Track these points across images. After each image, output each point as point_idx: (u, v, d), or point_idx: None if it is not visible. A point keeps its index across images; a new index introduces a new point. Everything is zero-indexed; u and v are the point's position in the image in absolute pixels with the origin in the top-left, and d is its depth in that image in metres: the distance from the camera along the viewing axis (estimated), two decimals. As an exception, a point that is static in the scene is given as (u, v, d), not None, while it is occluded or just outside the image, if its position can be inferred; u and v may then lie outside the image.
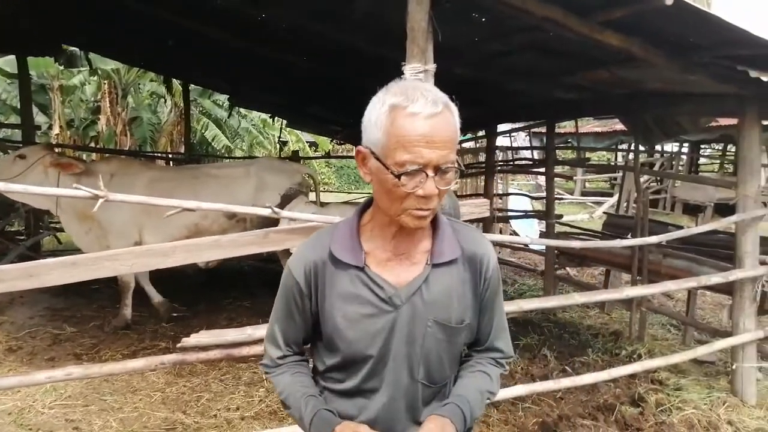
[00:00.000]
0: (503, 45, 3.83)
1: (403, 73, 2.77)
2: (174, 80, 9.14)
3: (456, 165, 1.31)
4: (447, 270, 1.44)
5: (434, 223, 1.46)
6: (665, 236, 3.74)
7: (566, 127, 21.83)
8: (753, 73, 3.19)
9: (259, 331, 2.45)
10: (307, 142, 20.88)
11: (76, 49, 9.27)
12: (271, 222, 3.91)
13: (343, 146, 17.05)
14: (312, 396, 1.47)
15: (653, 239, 3.70)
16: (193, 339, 2.34)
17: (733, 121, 5.53)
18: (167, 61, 8.06)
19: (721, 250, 4.92)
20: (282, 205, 4.66)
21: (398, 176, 1.25)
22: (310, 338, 1.55)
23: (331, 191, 18.81)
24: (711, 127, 11.74)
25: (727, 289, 4.41)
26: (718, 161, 18.74)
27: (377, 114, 1.30)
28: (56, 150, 5.84)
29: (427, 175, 1.26)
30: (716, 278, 3.93)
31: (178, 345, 2.34)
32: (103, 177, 5.07)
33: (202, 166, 6.47)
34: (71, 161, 5.10)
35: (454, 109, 1.32)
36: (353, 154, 1.99)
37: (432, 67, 2.81)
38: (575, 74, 4.40)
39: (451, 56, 4.05)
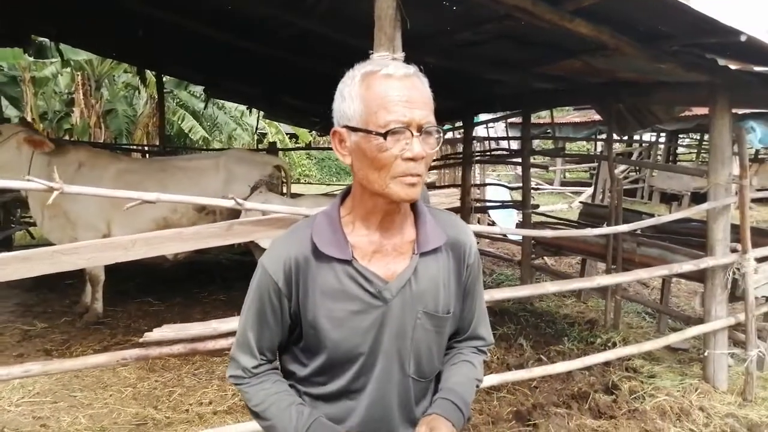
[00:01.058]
0: (475, 34, 3.80)
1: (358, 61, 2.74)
2: (148, 71, 8.98)
3: (439, 129, 1.27)
4: (433, 258, 1.39)
5: (415, 211, 1.41)
6: (635, 225, 3.76)
7: (545, 117, 22.00)
8: (721, 61, 3.20)
9: (225, 324, 2.41)
10: (287, 133, 20.72)
11: (46, 39, 9.08)
12: (239, 213, 3.86)
13: (324, 138, 16.97)
14: (302, 405, 1.37)
15: (623, 227, 3.72)
16: (156, 333, 2.30)
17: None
18: (139, 51, 7.92)
19: (694, 238, 4.97)
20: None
21: (384, 135, 1.20)
22: (285, 343, 1.44)
23: (312, 183, 18.75)
24: (687, 117, 11.87)
25: (699, 276, 4.45)
26: (695, 151, 18.95)
27: (349, 88, 1.26)
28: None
29: (412, 134, 1.21)
30: (687, 266, 3.96)
31: (140, 340, 2.29)
32: (71, 166, 5.10)
33: (171, 159, 6.36)
34: (43, 139, 5.02)
35: (425, 79, 1.29)
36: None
37: (401, 55, 2.77)
38: (549, 64, 4.39)
39: (422, 45, 4.03)
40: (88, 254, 2.19)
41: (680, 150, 20.03)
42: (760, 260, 4.35)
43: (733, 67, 3.16)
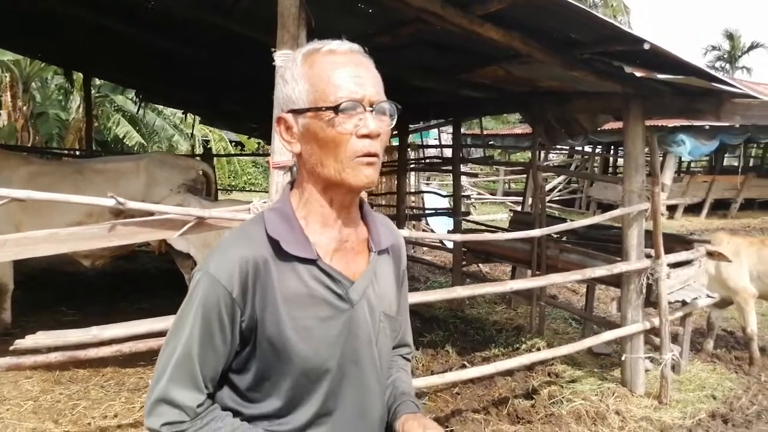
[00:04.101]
0: (393, 38, 3.78)
1: (273, 60, 2.67)
2: (77, 73, 8.65)
3: (393, 105, 1.17)
4: (384, 258, 1.30)
5: (360, 208, 1.28)
6: (547, 229, 3.81)
7: (493, 129, 22.44)
8: (628, 69, 3.27)
9: (107, 331, 2.28)
10: (231, 141, 20.39)
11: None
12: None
13: (270, 146, 16.74)
14: None
15: (535, 232, 3.75)
16: (30, 340, 2.15)
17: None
18: (66, 53, 7.62)
19: (613, 244, 5.07)
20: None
21: (335, 110, 1.10)
22: (225, 371, 1.18)
23: (257, 191, 18.46)
24: (621, 129, 12.26)
25: (617, 282, 4.54)
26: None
27: (291, 71, 1.16)
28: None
29: (365, 109, 1.11)
30: (600, 271, 4.03)
31: (11, 347, 2.13)
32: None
33: (88, 161, 6.11)
34: None
35: (371, 59, 1.20)
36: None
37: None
38: (470, 71, 4.42)
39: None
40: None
41: (621, 162, 20.68)
42: (673, 266, 4.47)
43: (638, 74, 3.23)
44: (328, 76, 1.12)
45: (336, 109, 1.10)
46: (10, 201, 2.02)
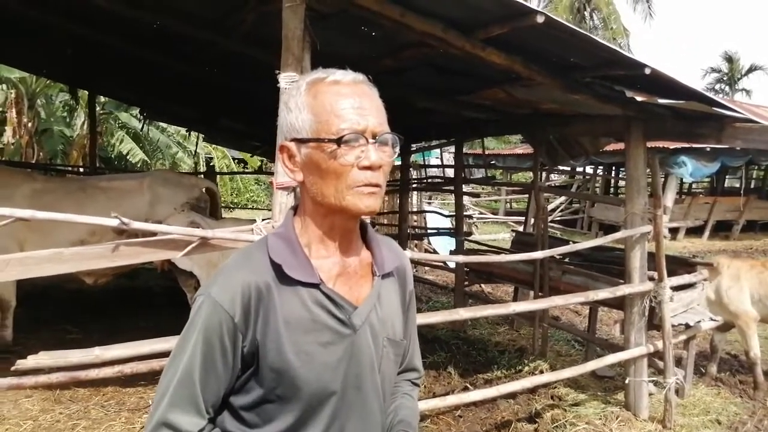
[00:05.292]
0: (396, 61, 3.82)
1: (278, 82, 2.70)
2: (81, 90, 8.73)
3: (395, 136, 1.18)
4: (389, 282, 1.30)
5: (363, 230, 1.29)
6: (550, 251, 3.80)
7: (494, 149, 22.53)
8: (629, 93, 3.30)
9: (109, 352, 2.27)
10: (234, 158, 20.48)
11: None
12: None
13: (272, 164, 16.80)
14: None
15: (537, 254, 3.75)
16: (32, 361, 2.14)
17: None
18: (71, 70, 7.69)
19: (615, 266, 5.06)
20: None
21: (338, 142, 1.10)
22: (227, 395, 1.18)
23: (260, 209, 18.49)
24: (623, 150, 12.31)
25: (620, 304, 4.52)
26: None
27: (295, 99, 1.16)
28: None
29: (367, 141, 1.12)
30: (603, 293, 4.01)
31: (13, 368, 2.13)
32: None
33: (92, 178, 6.13)
34: None
35: (375, 88, 1.21)
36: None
37: (309, 77, 2.73)
38: (472, 93, 4.45)
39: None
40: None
41: (622, 183, 20.71)
42: (676, 288, 4.46)
43: (639, 99, 3.25)
44: (332, 106, 1.13)
45: (338, 141, 1.11)
46: (14, 220, 2.04)
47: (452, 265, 7.79)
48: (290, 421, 1.16)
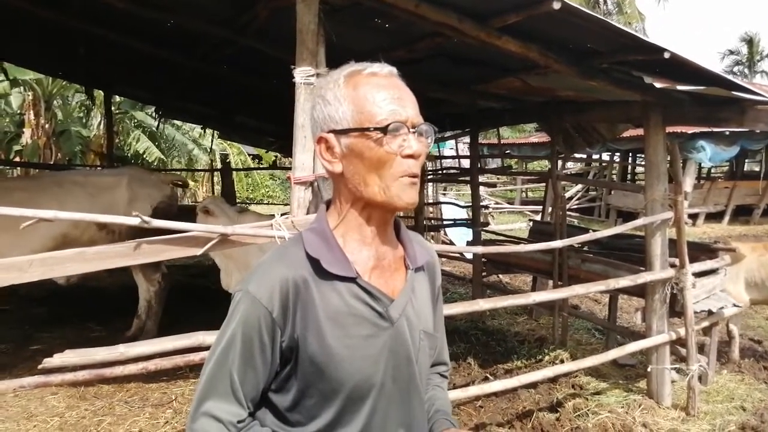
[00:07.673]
0: (409, 52, 3.80)
1: (293, 77, 2.69)
2: (97, 91, 8.79)
3: (432, 127, 1.20)
4: (421, 276, 1.31)
5: (396, 226, 1.30)
6: (569, 240, 3.77)
7: (509, 138, 22.37)
8: (647, 79, 3.24)
9: (133, 349, 2.29)
10: (249, 154, 20.57)
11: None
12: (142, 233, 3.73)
13: (287, 159, 16.87)
14: None
15: (556, 243, 3.72)
16: (58, 359, 2.17)
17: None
18: (86, 70, 7.75)
19: (635, 254, 5.01)
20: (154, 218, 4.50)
21: (384, 130, 1.12)
22: (265, 391, 1.20)
23: (276, 204, 18.56)
24: (640, 137, 12.19)
25: (641, 292, 4.48)
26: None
27: (333, 91, 1.17)
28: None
29: (408, 130, 1.14)
30: (624, 281, 3.98)
31: (40, 366, 2.16)
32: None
33: (65, 173, 6.11)
34: None
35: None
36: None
37: (324, 71, 2.73)
38: (487, 82, 4.42)
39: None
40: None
41: (639, 169, 20.48)
42: (698, 275, 4.40)
43: (658, 85, 3.20)
44: (374, 97, 1.14)
45: (384, 129, 1.13)
46: (37, 221, 2.06)
47: (469, 256, 7.78)
48: (332, 416, 1.17)
